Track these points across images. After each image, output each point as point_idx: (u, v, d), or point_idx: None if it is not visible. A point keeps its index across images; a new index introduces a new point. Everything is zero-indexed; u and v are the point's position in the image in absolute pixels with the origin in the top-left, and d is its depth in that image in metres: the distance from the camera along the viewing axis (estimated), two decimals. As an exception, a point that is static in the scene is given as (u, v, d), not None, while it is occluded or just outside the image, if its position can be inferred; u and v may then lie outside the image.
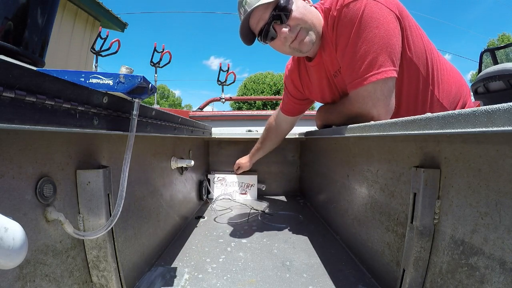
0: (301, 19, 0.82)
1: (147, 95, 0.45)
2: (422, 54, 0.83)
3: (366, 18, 0.74)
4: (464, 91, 0.92)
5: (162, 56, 3.21)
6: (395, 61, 0.76)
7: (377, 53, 0.74)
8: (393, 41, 0.75)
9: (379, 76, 0.74)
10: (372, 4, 0.75)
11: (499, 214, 0.36)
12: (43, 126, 0.29)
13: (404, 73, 0.82)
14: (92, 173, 0.46)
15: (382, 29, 0.74)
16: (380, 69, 0.74)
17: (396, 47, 0.76)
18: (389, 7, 0.76)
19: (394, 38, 0.75)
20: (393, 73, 0.75)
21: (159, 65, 3.25)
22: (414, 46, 0.81)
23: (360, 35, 0.75)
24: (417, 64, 0.82)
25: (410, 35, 0.80)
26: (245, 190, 1.53)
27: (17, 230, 0.25)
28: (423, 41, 0.83)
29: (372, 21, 0.74)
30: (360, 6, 0.75)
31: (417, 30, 0.83)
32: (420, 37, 0.83)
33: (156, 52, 3.19)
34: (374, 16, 0.74)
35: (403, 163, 0.57)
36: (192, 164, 1.02)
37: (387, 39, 0.74)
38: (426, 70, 0.84)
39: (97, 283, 0.49)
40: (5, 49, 0.63)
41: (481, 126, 0.30)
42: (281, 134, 1.34)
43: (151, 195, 0.78)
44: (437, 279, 0.46)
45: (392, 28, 0.75)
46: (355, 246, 0.82)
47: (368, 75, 0.75)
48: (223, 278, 0.69)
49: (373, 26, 0.74)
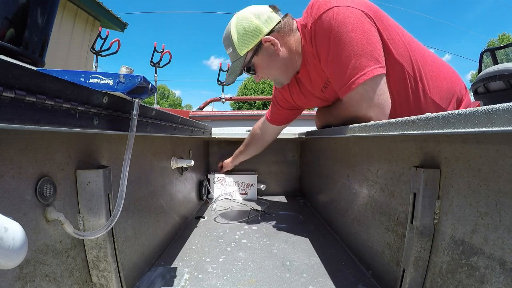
0: (265, 75, 0.95)
1: (147, 95, 0.45)
2: (405, 52, 0.83)
3: (339, 24, 0.75)
4: (458, 86, 0.91)
5: (162, 56, 3.20)
6: (379, 58, 0.76)
7: (359, 55, 0.75)
8: (372, 39, 0.76)
9: (366, 76, 0.75)
10: (342, 10, 0.76)
11: (499, 214, 0.36)
12: (43, 126, 0.29)
13: (390, 74, 0.81)
14: (92, 173, 0.46)
15: (358, 31, 0.75)
16: (365, 70, 0.75)
17: (376, 45, 0.76)
18: (359, 8, 0.77)
19: (372, 36, 0.76)
20: (379, 71, 0.75)
21: (159, 65, 3.25)
22: (395, 46, 0.81)
23: (338, 42, 0.76)
24: (402, 63, 0.82)
25: (389, 35, 0.80)
26: (245, 190, 1.53)
27: (17, 230, 0.25)
28: (402, 40, 0.83)
29: (347, 26, 0.75)
30: (331, 15, 0.76)
31: (396, 29, 0.83)
32: (399, 36, 0.83)
33: (156, 52, 3.19)
34: (347, 20, 0.75)
35: (403, 163, 0.57)
36: (192, 164, 1.02)
37: (365, 39, 0.75)
38: (412, 68, 0.84)
39: (97, 283, 0.49)
40: (5, 49, 0.63)
41: (481, 126, 0.30)
42: (265, 142, 1.35)
43: (151, 195, 0.78)
44: (437, 279, 0.46)
45: (368, 27, 0.76)
46: (355, 246, 0.82)
47: (355, 78, 0.76)
48: (223, 278, 0.69)
49: (348, 30, 0.75)
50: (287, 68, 0.93)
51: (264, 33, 0.86)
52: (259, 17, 0.86)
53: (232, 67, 0.93)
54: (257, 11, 0.87)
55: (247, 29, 0.86)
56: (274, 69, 0.92)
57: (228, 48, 0.91)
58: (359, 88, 0.76)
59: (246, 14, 0.87)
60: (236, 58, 0.90)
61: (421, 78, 0.85)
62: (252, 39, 0.86)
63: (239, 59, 0.90)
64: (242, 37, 0.87)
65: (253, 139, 1.35)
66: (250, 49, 0.87)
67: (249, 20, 0.86)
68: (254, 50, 0.88)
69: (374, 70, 0.75)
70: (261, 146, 1.36)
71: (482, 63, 2.63)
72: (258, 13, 0.87)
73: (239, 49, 0.88)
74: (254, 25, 0.86)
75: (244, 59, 0.89)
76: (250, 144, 1.36)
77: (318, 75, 0.91)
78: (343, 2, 0.77)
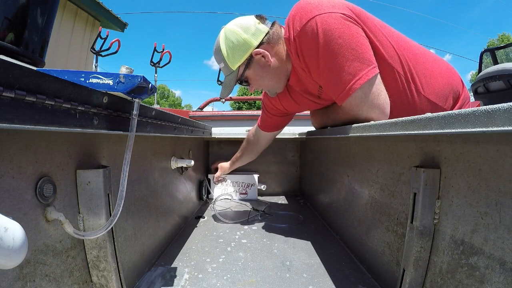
0: (259, 86, 0.96)
1: (147, 95, 0.45)
2: (393, 52, 0.81)
3: (324, 33, 0.74)
4: (454, 80, 0.89)
5: (162, 56, 3.21)
6: (370, 58, 0.75)
7: (350, 60, 0.74)
8: (360, 41, 0.75)
9: (361, 81, 0.74)
10: (325, 18, 0.74)
11: (499, 214, 0.36)
12: (43, 126, 0.29)
13: (382, 76, 0.79)
14: (92, 173, 0.46)
15: (345, 36, 0.74)
16: (359, 74, 0.74)
17: (365, 45, 0.75)
18: (342, 12, 0.75)
19: (360, 37, 0.75)
20: (373, 72, 0.75)
21: (159, 65, 3.25)
22: (383, 47, 0.80)
23: (327, 51, 0.75)
24: (391, 63, 0.81)
25: (375, 36, 0.79)
26: (245, 190, 1.53)
27: (17, 230, 0.25)
28: (388, 39, 0.82)
29: (332, 33, 0.74)
30: (315, 24, 0.75)
31: (381, 30, 0.81)
32: (384, 36, 0.81)
33: (156, 52, 3.19)
34: (332, 27, 0.74)
35: (403, 163, 0.57)
36: (192, 164, 1.02)
37: (353, 43, 0.74)
38: (402, 68, 0.82)
39: (97, 283, 0.49)
40: (5, 49, 0.63)
41: (481, 126, 0.30)
42: (259, 149, 1.35)
43: (151, 195, 0.78)
44: (437, 279, 0.46)
45: (354, 30, 0.75)
46: (355, 246, 0.82)
47: (351, 84, 0.75)
48: (223, 278, 0.69)
49: (335, 37, 0.73)
50: (279, 77, 0.93)
51: (253, 46, 0.86)
52: (247, 31, 0.86)
53: (226, 82, 0.94)
54: (244, 25, 0.87)
55: (236, 44, 0.86)
56: (267, 79, 0.93)
57: (220, 63, 0.92)
58: (356, 93, 0.75)
59: (234, 28, 0.87)
60: (229, 72, 0.90)
61: (412, 77, 0.83)
62: (242, 53, 0.86)
63: (232, 73, 0.90)
64: (233, 52, 0.87)
65: (247, 146, 1.35)
66: (241, 63, 0.88)
67: (237, 34, 0.86)
68: (246, 63, 0.88)
69: (368, 72, 0.74)
70: (255, 153, 1.36)
71: (482, 63, 2.63)
72: (246, 27, 0.86)
73: (231, 64, 0.88)
74: (243, 39, 0.85)
75: (237, 73, 0.90)
76: (245, 152, 1.37)
77: (310, 84, 0.91)
78: (324, 8, 0.76)
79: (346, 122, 0.86)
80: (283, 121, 1.20)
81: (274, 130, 1.24)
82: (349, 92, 0.76)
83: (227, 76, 0.92)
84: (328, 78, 0.79)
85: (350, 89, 0.75)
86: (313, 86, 0.91)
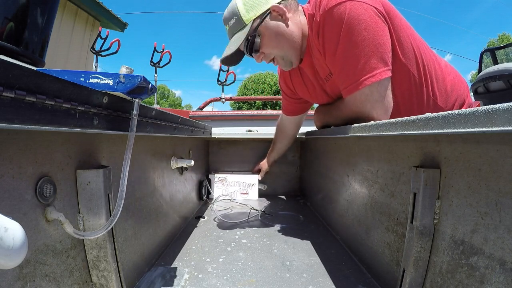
0: (272, 49, 0.86)
1: (147, 95, 0.45)
2: (412, 54, 0.81)
3: (352, 21, 0.72)
4: (462, 89, 0.90)
5: (162, 56, 3.21)
6: (388, 60, 0.75)
7: (369, 55, 0.73)
8: (384, 41, 0.74)
9: (374, 78, 0.73)
10: (356, 6, 0.73)
11: (499, 214, 0.36)
12: (43, 126, 0.29)
13: (395, 75, 0.79)
14: (92, 173, 0.46)
15: (371, 30, 0.72)
16: (374, 71, 0.73)
17: (387, 46, 0.75)
18: (374, 6, 0.74)
19: (384, 36, 0.74)
20: (387, 74, 0.75)
21: (159, 65, 3.25)
22: (403, 47, 0.79)
23: (349, 39, 0.73)
24: (408, 65, 0.81)
25: (399, 36, 0.79)
26: (246, 190, 1.53)
27: (17, 230, 0.25)
28: (411, 41, 0.82)
29: (359, 24, 0.72)
30: (344, 10, 0.73)
31: (406, 30, 0.81)
32: (408, 37, 0.81)
33: (156, 52, 3.19)
34: (360, 18, 0.72)
35: (403, 163, 0.57)
36: (192, 164, 1.02)
37: (377, 39, 0.73)
38: (417, 71, 0.83)
39: (97, 283, 0.49)
40: (5, 49, 0.63)
41: (481, 126, 0.30)
42: (289, 135, 1.35)
43: (151, 195, 0.78)
44: (437, 279, 0.46)
45: (381, 27, 0.74)
46: (355, 246, 0.82)
47: (363, 79, 0.74)
48: (223, 278, 0.69)
49: (361, 29, 0.72)
50: (293, 45, 0.86)
51: (273, 1, 0.81)
52: None
53: (234, 38, 0.83)
54: None
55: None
56: (282, 42, 0.84)
57: (230, 21, 0.83)
58: (365, 89, 0.75)
59: None
60: (240, 27, 0.82)
61: (426, 82, 0.84)
62: (260, 4, 0.80)
63: (244, 28, 0.81)
64: (250, 3, 0.81)
65: (278, 135, 1.36)
66: (257, 16, 0.80)
67: None
68: (262, 17, 0.81)
69: (383, 72, 0.74)
70: (286, 140, 1.36)
71: (482, 63, 2.63)
72: None
73: (245, 16, 0.80)
74: None
75: (249, 27, 0.80)
76: (277, 140, 1.37)
77: (321, 68, 0.89)
78: None
79: (347, 120, 0.86)
80: (302, 107, 1.20)
81: (296, 114, 1.23)
82: (358, 86, 0.75)
83: (236, 33, 0.83)
84: (342, 66, 0.78)
85: (361, 84, 0.75)
86: (323, 70, 0.89)
